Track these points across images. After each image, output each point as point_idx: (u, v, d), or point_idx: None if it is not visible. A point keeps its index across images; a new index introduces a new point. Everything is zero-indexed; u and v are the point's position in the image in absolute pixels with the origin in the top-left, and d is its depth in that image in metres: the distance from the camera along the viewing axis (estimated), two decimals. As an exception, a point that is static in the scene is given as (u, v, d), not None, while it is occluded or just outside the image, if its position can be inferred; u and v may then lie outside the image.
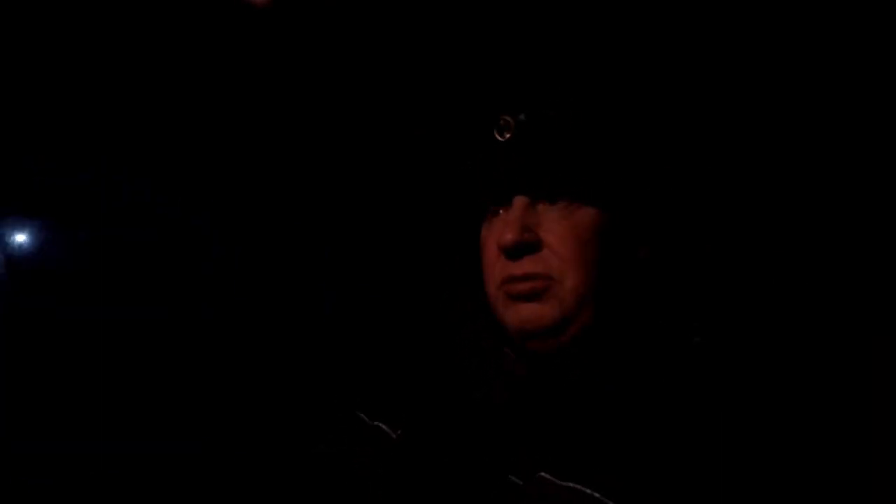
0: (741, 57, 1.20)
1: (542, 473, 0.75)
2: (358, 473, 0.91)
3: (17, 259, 1.91)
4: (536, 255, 0.83)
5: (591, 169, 0.85)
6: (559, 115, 0.87)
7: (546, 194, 0.85)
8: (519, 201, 0.85)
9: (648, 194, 0.89)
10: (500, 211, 0.88)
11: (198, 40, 1.46)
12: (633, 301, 0.86)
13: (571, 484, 0.72)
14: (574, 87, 0.91)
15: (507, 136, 0.87)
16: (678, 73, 1.21)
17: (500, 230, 0.85)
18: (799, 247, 1.16)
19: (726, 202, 1.16)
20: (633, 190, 0.87)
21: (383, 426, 0.93)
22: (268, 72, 1.51)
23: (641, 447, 0.73)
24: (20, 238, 1.92)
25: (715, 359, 0.83)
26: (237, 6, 1.38)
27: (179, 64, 1.51)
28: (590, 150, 0.86)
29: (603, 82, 0.92)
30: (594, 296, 0.83)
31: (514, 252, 0.84)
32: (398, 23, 1.38)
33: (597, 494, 0.70)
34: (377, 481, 0.89)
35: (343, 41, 1.41)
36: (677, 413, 0.76)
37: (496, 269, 0.87)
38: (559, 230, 0.83)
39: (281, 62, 1.49)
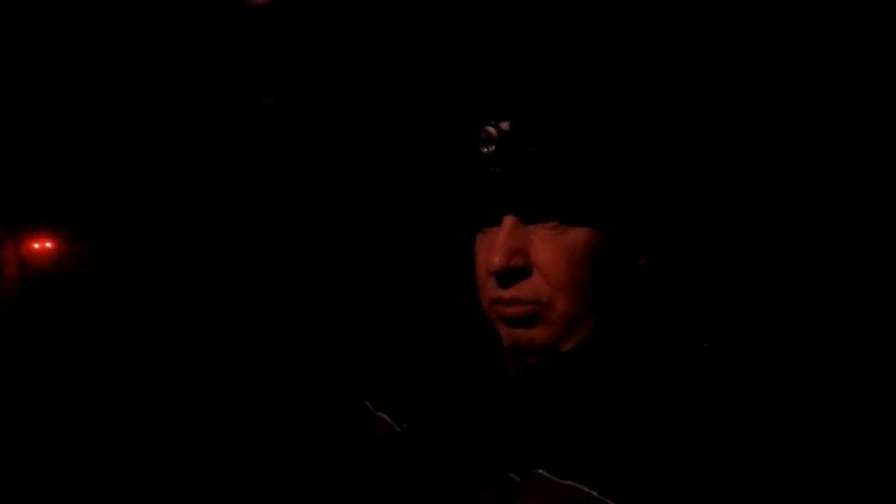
0: (738, 57, 1.20)
1: (540, 471, 0.75)
2: (359, 463, 0.91)
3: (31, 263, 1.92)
4: (525, 280, 0.81)
5: (582, 185, 0.81)
6: (546, 125, 0.82)
7: (535, 214, 0.81)
8: (507, 221, 0.81)
9: (643, 206, 0.85)
10: (492, 226, 0.84)
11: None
12: (633, 309, 0.85)
13: (569, 482, 0.72)
14: (562, 97, 0.86)
15: (492, 147, 0.81)
16: (669, 79, 1.20)
17: (489, 251, 0.82)
18: (802, 248, 1.16)
19: (725, 204, 1.16)
20: (626, 203, 0.83)
21: (387, 417, 0.92)
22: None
23: (640, 447, 0.73)
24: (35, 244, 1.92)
25: (718, 359, 0.82)
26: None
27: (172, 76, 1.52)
28: (580, 164, 0.81)
29: (592, 91, 0.89)
30: (589, 314, 0.81)
31: (501, 278, 0.81)
32: (385, 30, 1.38)
33: (595, 493, 0.70)
34: (378, 472, 0.88)
35: (331, 50, 1.41)
36: (676, 413, 0.75)
37: (487, 287, 0.84)
38: (550, 252, 0.80)
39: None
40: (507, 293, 0.81)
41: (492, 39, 1.31)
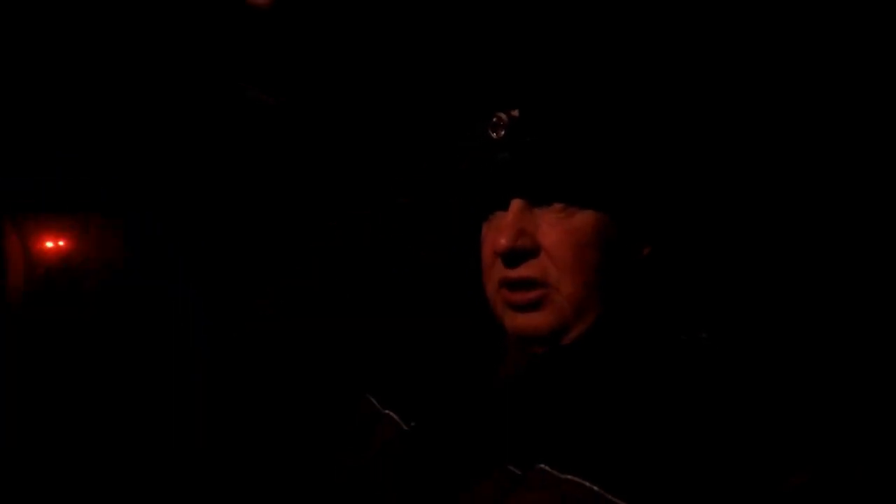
0: (743, 53, 1.20)
1: (542, 465, 0.75)
2: (359, 463, 0.92)
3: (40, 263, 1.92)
4: (532, 260, 0.82)
5: (589, 170, 0.83)
6: (555, 112, 0.84)
7: (543, 196, 0.83)
8: (515, 204, 0.83)
9: (649, 193, 0.87)
10: (498, 211, 0.86)
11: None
12: (637, 298, 0.86)
13: (570, 476, 0.72)
14: (570, 85, 0.88)
15: (501, 133, 0.84)
16: (676, 70, 1.21)
17: (496, 233, 0.84)
18: (802, 242, 1.16)
19: (729, 195, 1.16)
20: (633, 190, 0.85)
21: (394, 415, 0.93)
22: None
23: (642, 441, 0.73)
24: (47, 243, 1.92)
25: (719, 354, 0.82)
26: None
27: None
28: (588, 149, 0.83)
29: (600, 79, 0.91)
30: (595, 299, 0.82)
31: (508, 258, 0.82)
32: (395, 20, 1.39)
33: (596, 488, 0.70)
34: (379, 471, 0.89)
35: (336, 44, 1.42)
36: (678, 407, 0.76)
37: (493, 270, 0.86)
38: (556, 234, 0.82)
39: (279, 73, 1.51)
40: (514, 273, 0.83)
41: (499, 30, 1.31)
